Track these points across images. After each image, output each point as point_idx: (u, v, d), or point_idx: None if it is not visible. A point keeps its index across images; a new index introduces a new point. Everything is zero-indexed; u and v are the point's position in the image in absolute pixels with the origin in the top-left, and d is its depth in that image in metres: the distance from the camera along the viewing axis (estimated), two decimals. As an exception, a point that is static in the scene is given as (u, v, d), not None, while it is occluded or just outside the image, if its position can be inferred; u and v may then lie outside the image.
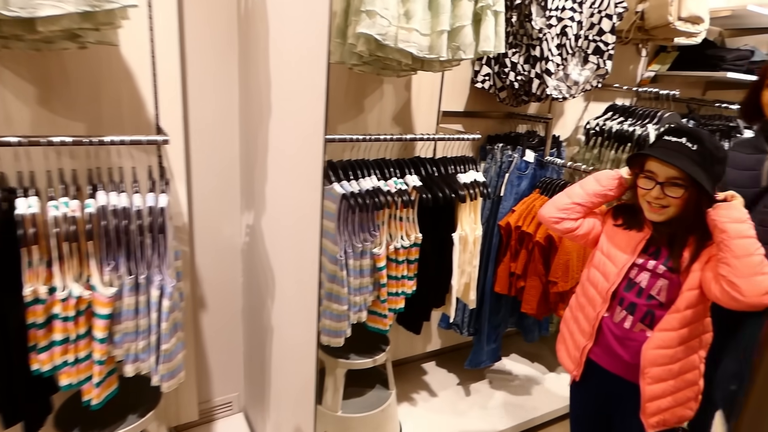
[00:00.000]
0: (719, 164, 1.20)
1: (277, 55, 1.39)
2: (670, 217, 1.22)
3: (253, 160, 1.66)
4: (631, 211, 1.33)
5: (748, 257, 1.10)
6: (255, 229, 1.73)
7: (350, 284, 1.63)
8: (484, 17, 1.57)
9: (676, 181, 1.18)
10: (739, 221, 1.13)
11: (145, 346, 1.28)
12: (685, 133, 1.20)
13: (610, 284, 1.30)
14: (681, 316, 1.20)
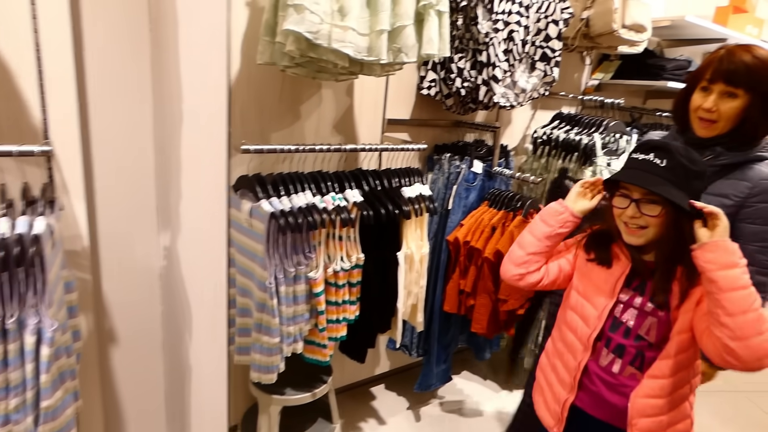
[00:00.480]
0: (697, 179, 1.05)
1: (186, 56, 1.20)
2: (649, 239, 1.08)
3: (168, 172, 1.44)
4: (604, 242, 1.18)
5: (744, 315, 0.93)
6: (172, 252, 1.51)
7: (282, 313, 1.44)
8: (427, 17, 1.44)
9: (652, 198, 1.05)
10: (730, 266, 0.95)
11: (18, 405, 1.04)
12: (653, 148, 1.07)
13: (591, 330, 1.14)
14: (673, 362, 1.06)
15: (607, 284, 1.14)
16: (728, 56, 1.21)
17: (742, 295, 0.94)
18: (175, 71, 1.27)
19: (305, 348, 1.58)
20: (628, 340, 1.11)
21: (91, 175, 1.48)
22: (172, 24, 1.26)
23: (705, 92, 1.25)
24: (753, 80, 1.19)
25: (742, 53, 1.21)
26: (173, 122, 1.32)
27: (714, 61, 1.23)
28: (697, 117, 1.27)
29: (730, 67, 1.20)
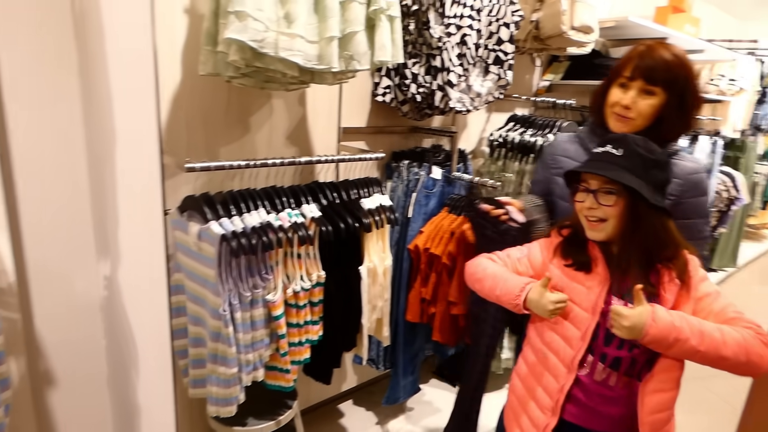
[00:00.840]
0: (656, 168, 1.05)
1: (115, 70, 1.09)
2: (609, 234, 1.07)
3: (104, 199, 1.32)
4: (579, 245, 1.14)
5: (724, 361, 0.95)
6: (113, 282, 1.38)
7: (239, 341, 1.34)
8: (378, 23, 1.38)
9: (609, 188, 1.05)
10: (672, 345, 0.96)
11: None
12: (611, 141, 1.09)
13: (576, 351, 1.08)
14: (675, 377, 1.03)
15: (588, 301, 1.08)
16: (648, 53, 1.20)
17: (706, 352, 0.95)
18: (105, 88, 1.15)
19: (267, 374, 1.48)
20: (622, 350, 1.06)
21: (14, 202, 1.33)
22: (98, 38, 1.15)
23: (623, 88, 1.23)
24: (671, 79, 1.19)
25: (661, 50, 1.20)
26: (106, 142, 1.20)
27: (634, 57, 1.22)
28: (613, 112, 1.25)
29: (649, 64, 1.19)
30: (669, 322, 0.96)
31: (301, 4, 1.25)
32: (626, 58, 1.25)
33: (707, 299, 1.05)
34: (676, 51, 1.21)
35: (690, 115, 1.25)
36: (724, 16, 4.63)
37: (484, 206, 1.48)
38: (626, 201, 1.04)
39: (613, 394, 1.08)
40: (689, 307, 1.04)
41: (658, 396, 1.03)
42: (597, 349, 1.07)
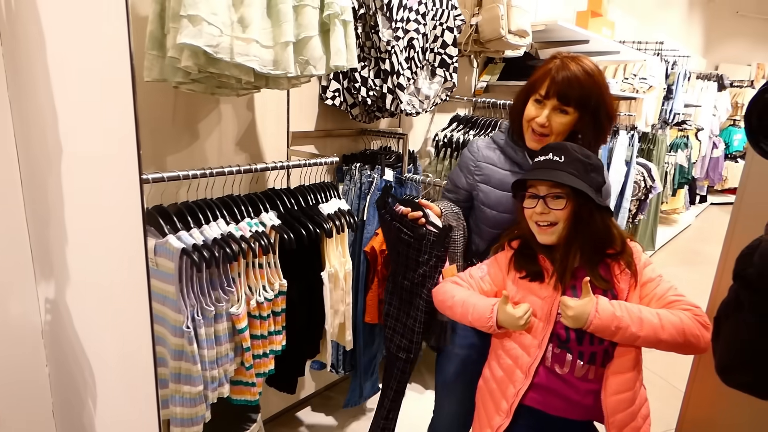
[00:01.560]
0: (594, 172, 1.13)
1: (59, 72, 1.01)
2: (560, 234, 1.13)
3: (46, 215, 1.22)
4: (530, 256, 1.19)
5: (665, 343, 1.03)
6: (58, 305, 1.28)
7: (204, 357, 1.29)
8: (333, 27, 1.38)
9: (556, 192, 1.12)
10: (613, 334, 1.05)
11: None
12: (551, 149, 1.16)
13: (533, 359, 1.13)
14: (635, 354, 1.10)
15: (542, 311, 1.14)
16: (562, 71, 1.21)
17: (645, 337, 1.04)
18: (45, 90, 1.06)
19: (232, 389, 1.44)
20: (595, 346, 1.11)
21: (-60, 224, 1.20)
22: (36, 40, 1.06)
23: (539, 104, 1.26)
24: (584, 99, 1.23)
25: (575, 68, 1.21)
26: (48, 155, 1.11)
27: (548, 75, 1.23)
28: (530, 128, 1.29)
29: (563, 84, 1.21)
30: (610, 312, 1.05)
31: (254, 8, 1.22)
32: (541, 73, 1.25)
33: (651, 284, 1.15)
34: (589, 68, 1.23)
35: (604, 131, 1.30)
36: (631, 18, 5.03)
37: (401, 209, 1.42)
38: (573, 204, 1.11)
39: (596, 387, 1.13)
40: (636, 293, 1.14)
41: (618, 377, 1.10)
42: (574, 349, 1.13)
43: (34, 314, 1.41)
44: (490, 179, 1.39)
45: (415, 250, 1.36)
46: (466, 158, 1.45)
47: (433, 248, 1.32)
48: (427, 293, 1.36)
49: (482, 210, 1.42)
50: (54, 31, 1.01)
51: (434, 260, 1.34)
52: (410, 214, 1.37)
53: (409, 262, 1.40)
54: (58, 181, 1.09)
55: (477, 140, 1.46)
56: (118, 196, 0.88)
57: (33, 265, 1.38)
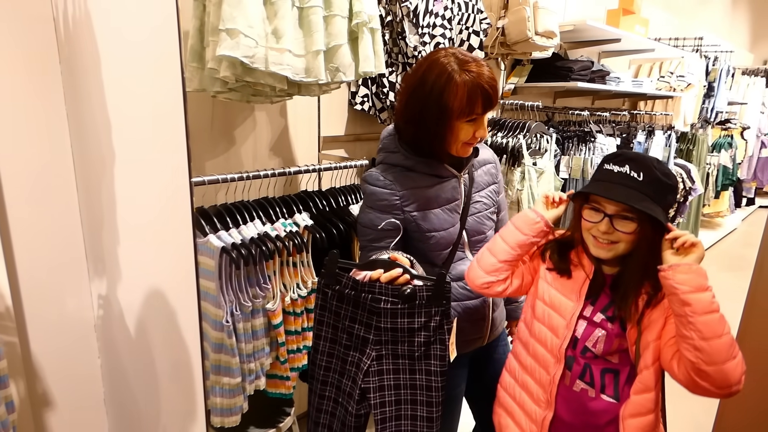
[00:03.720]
0: (671, 193, 1.01)
1: (112, 82, 1.11)
2: (619, 254, 1.04)
3: (99, 216, 1.33)
4: (563, 251, 1.13)
5: (718, 339, 0.90)
6: (110, 300, 1.39)
7: (242, 351, 1.37)
8: (361, 35, 1.44)
9: (627, 215, 1.00)
10: (703, 289, 0.92)
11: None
12: (629, 160, 1.01)
13: (562, 340, 1.08)
14: (654, 395, 1.02)
15: (573, 291, 1.10)
16: (488, 83, 1.14)
17: (715, 318, 0.91)
18: (99, 101, 1.17)
19: (268, 383, 1.51)
20: (575, 351, 1.08)
21: (6, 225, 1.32)
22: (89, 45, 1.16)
23: (473, 122, 1.17)
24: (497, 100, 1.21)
25: (490, 72, 1.16)
26: (102, 160, 1.21)
27: (478, 92, 1.12)
28: (464, 143, 1.19)
29: (494, 93, 1.15)
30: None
31: (287, 20, 1.29)
32: (469, 94, 1.12)
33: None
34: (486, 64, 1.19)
35: None
36: (669, 16, 4.91)
37: (365, 274, 1.07)
38: (644, 227, 0.99)
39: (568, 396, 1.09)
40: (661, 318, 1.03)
41: (638, 420, 1.04)
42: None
43: (87, 309, 1.52)
44: (422, 204, 1.22)
45: (407, 318, 1.05)
46: (382, 195, 1.20)
47: (431, 305, 1.05)
48: (441, 364, 1.07)
49: (432, 237, 1.23)
50: (109, 49, 1.10)
51: (437, 319, 1.06)
52: (383, 276, 1.06)
53: (398, 338, 1.07)
54: (111, 185, 1.19)
55: (376, 175, 1.23)
56: (168, 199, 0.96)
57: (87, 264, 1.49)
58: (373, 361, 1.07)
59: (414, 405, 1.08)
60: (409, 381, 1.08)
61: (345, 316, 1.09)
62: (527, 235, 1.14)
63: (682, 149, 4.84)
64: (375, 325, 1.06)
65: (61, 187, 1.41)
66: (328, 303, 1.10)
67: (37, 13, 1.30)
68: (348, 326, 1.09)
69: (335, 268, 1.09)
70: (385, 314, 1.05)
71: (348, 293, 1.07)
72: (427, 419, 1.07)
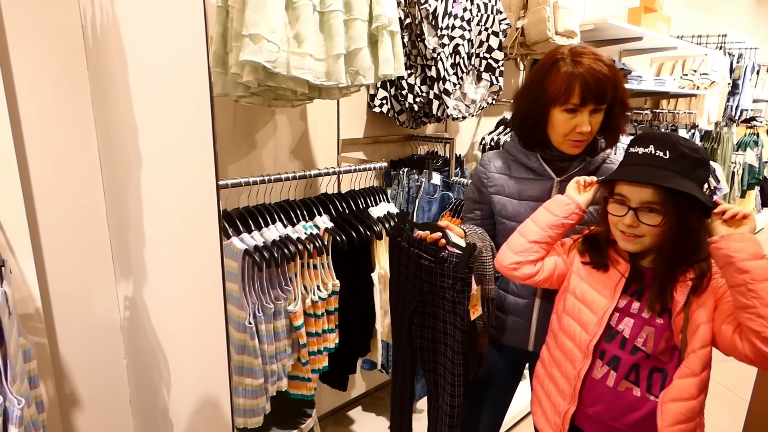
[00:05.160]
0: (701, 167, 0.97)
1: (139, 88, 1.13)
2: (646, 247, 1.02)
3: (126, 219, 1.35)
4: (598, 245, 1.11)
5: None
6: (136, 302, 1.41)
7: (264, 352, 1.38)
8: (381, 38, 1.45)
9: (653, 206, 0.97)
10: (760, 256, 0.88)
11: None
12: (652, 140, 0.98)
13: (591, 336, 1.06)
14: (699, 380, 0.98)
15: (607, 287, 1.07)
16: (591, 74, 1.12)
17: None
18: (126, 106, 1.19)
19: (289, 384, 1.52)
20: (624, 351, 1.05)
21: (37, 229, 1.36)
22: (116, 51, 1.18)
23: (571, 113, 1.16)
24: (613, 93, 1.16)
25: (599, 66, 1.13)
26: (128, 164, 1.23)
27: (577, 81, 1.13)
28: (569, 139, 1.20)
29: (598, 87, 1.13)
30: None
31: (308, 24, 1.30)
32: (565, 80, 1.14)
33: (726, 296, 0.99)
34: (602, 57, 1.16)
35: (627, 118, 1.25)
36: (692, 13, 4.82)
37: (419, 233, 1.26)
38: (672, 217, 0.96)
39: (611, 397, 1.06)
40: (711, 300, 1.00)
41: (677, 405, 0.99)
42: (598, 345, 1.08)
43: (113, 311, 1.56)
44: (503, 189, 1.31)
45: (439, 276, 1.21)
46: (478, 171, 1.37)
47: (457, 270, 1.17)
48: (462, 321, 1.21)
49: (503, 223, 1.33)
50: (136, 54, 1.13)
51: (459, 284, 1.18)
52: (429, 237, 1.22)
53: (435, 290, 1.24)
54: (138, 189, 1.22)
55: (488, 153, 1.38)
56: (194, 202, 0.98)
57: (113, 266, 1.52)
58: (417, 304, 1.30)
59: (444, 346, 1.28)
60: (441, 326, 1.28)
61: (401, 263, 1.33)
62: (557, 216, 1.14)
63: (706, 148, 4.74)
64: (419, 276, 1.27)
65: (88, 191, 1.44)
66: (394, 250, 1.35)
67: (66, 22, 1.33)
68: (404, 272, 1.32)
69: (402, 223, 1.34)
70: (424, 269, 1.25)
71: (404, 246, 1.30)
72: (451, 361, 1.26)
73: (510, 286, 1.35)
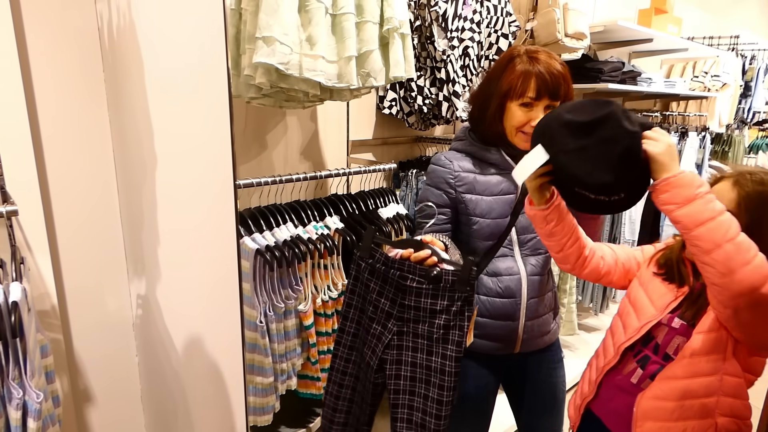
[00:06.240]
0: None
1: (156, 89, 1.15)
2: None
3: (139, 218, 1.37)
4: (677, 259, 1.09)
5: (719, 248, 0.83)
6: (149, 300, 1.43)
7: (274, 351, 1.40)
8: (392, 41, 1.46)
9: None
10: (689, 200, 0.85)
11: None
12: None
13: (627, 338, 1.08)
14: (687, 363, 0.99)
15: (660, 300, 1.07)
16: (547, 71, 1.17)
17: (709, 228, 0.84)
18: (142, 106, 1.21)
19: (299, 383, 1.54)
20: (657, 356, 1.06)
21: (53, 228, 1.39)
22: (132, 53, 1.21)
23: (527, 108, 1.19)
24: (567, 92, 1.20)
25: (552, 62, 1.19)
26: (143, 163, 1.26)
27: (530, 75, 1.17)
28: (519, 131, 1.21)
29: (553, 83, 1.17)
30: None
31: (321, 26, 1.32)
32: (522, 76, 1.18)
33: None
34: (560, 60, 1.21)
35: None
36: (703, 14, 4.79)
37: (398, 252, 1.11)
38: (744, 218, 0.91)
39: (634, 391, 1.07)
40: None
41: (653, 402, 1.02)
42: (635, 345, 1.09)
43: (126, 309, 1.58)
44: (473, 187, 1.28)
45: (430, 298, 1.08)
46: (441, 173, 1.30)
47: (455, 289, 1.06)
48: (457, 348, 1.07)
49: (474, 222, 1.27)
50: (152, 56, 1.15)
51: (459, 304, 1.06)
52: (413, 255, 1.10)
53: (420, 317, 1.09)
54: (152, 189, 1.24)
55: (441, 154, 1.34)
56: (211, 201, 0.99)
57: (126, 264, 1.55)
58: (393, 336, 1.11)
59: (427, 385, 1.10)
60: (425, 361, 1.10)
61: (373, 290, 1.13)
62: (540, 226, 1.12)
63: (717, 151, 4.71)
64: (400, 301, 1.10)
65: (102, 191, 1.47)
66: (361, 274, 1.15)
67: (83, 25, 1.36)
68: (375, 299, 1.13)
69: (371, 243, 1.14)
70: (410, 292, 1.09)
71: (379, 267, 1.12)
72: (437, 401, 1.07)
73: (494, 288, 1.28)
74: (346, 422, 1.20)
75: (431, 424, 1.07)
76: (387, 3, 1.41)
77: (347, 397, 1.19)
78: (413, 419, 1.11)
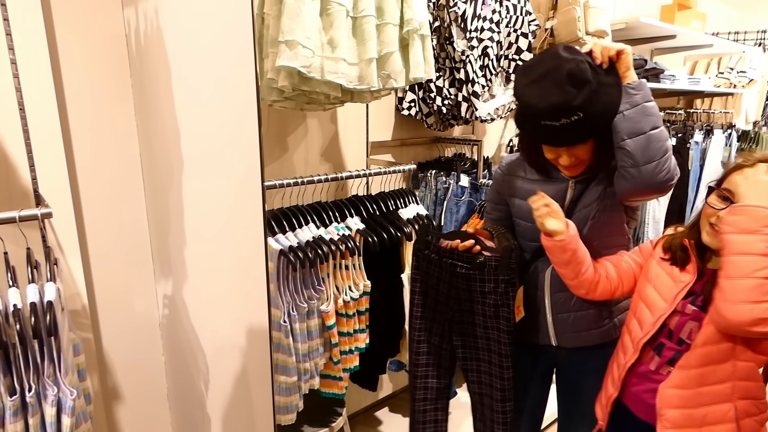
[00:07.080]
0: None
1: (183, 93, 1.18)
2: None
3: (166, 220, 1.40)
4: (683, 245, 1.13)
5: (740, 280, 0.91)
6: (175, 301, 1.46)
7: (298, 350, 1.42)
8: (412, 42, 1.47)
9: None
10: (748, 232, 0.91)
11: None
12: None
13: (644, 334, 1.12)
14: (700, 353, 1.03)
15: (670, 292, 1.11)
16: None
17: (746, 261, 0.92)
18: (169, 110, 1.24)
19: (321, 383, 1.55)
20: (671, 342, 1.10)
21: (83, 229, 1.42)
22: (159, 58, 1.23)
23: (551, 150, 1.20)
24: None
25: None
26: (170, 165, 1.28)
27: None
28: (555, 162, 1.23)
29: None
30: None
31: (342, 29, 1.33)
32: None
33: None
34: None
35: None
36: (729, 9, 4.68)
37: (448, 243, 1.27)
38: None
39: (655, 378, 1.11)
40: None
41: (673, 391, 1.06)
42: (655, 339, 1.12)
43: (153, 309, 1.61)
44: (517, 192, 1.32)
45: (479, 282, 1.23)
46: (496, 174, 1.41)
47: (498, 274, 1.20)
48: (507, 323, 1.23)
49: (518, 224, 1.35)
50: (180, 61, 1.17)
51: (503, 286, 1.21)
52: (460, 245, 1.24)
53: (474, 297, 1.25)
54: (179, 191, 1.26)
55: (507, 155, 1.45)
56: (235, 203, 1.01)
57: (153, 266, 1.58)
58: (455, 314, 1.31)
59: (489, 352, 1.29)
60: (484, 333, 1.28)
61: (432, 276, 1.31)
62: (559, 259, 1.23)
63: (743, 149, 4.59)
64: (455, 285, 1.28)
65: (130, 194, 1.51)
66: (420, 264, 1.34)
67: (110, 32, 1.40)
68: (434, 284, 1.32)
69: (425, 236, 1.33)
70: (461, 277, 1.26)
71: (434, 258, 1.29)
72: (498, 365, 1.27)
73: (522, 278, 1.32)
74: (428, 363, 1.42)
75: (496, 380, 1.28)
76: (407, 5, 1.42)
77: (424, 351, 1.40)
78: (481, 379, 1.33)
